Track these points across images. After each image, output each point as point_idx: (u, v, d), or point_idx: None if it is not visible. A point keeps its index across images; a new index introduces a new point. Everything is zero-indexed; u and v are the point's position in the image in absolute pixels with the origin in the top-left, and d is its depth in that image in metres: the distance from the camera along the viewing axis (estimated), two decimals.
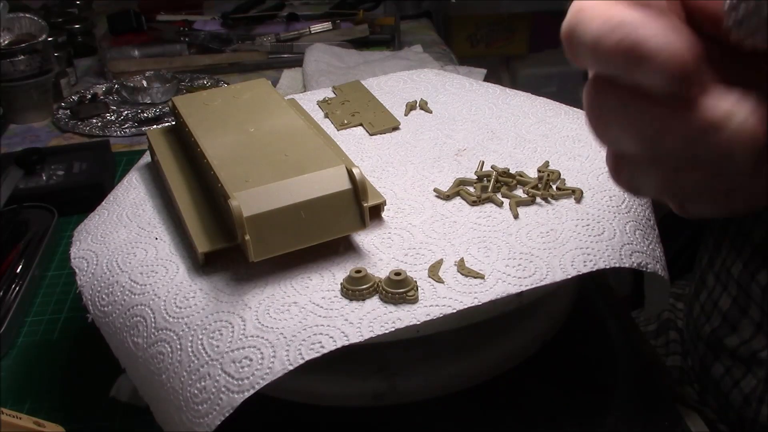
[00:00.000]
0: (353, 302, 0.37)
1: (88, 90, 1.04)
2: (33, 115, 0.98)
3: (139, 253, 0.43)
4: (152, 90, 0.99)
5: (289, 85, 1.02)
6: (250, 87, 0.53)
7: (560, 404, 0.45)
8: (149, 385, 0.38)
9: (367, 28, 1.17)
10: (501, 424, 0.44)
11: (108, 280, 0.42)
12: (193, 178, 0.47)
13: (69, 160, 0.78)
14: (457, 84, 0.62)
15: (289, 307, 0.37)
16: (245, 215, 0.37)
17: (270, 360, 0.34)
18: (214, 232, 0.41)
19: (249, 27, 1.21)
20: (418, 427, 0.44)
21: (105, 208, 0.49)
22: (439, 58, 1.09)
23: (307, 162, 0.41)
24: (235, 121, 0.47)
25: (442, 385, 0.42)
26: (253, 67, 1.11)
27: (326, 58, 1.03)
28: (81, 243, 0.45)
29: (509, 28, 1.92)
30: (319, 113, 0.59)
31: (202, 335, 0.36)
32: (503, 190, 0.45)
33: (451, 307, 0.36)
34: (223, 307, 0.37)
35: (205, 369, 0.35)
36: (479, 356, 0.43)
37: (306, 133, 0.45)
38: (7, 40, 0.96)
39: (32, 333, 0.57)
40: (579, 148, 0.50)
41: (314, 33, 1.16)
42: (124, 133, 0.92)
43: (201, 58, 1.12)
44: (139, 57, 1.13)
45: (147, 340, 0.38)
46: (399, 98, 0.60)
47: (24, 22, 0.98)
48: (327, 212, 0.39)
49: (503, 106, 0.57)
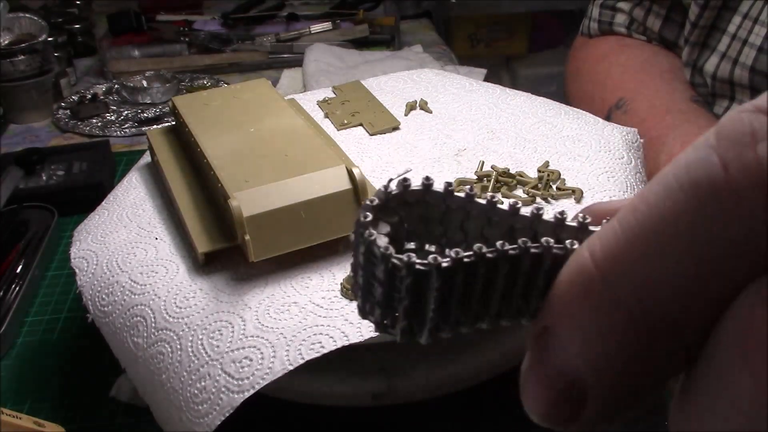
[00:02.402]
0: (353, 302, 0.37)
1: (88, 90, 1.04)
2: (33, 115, 0.98)
3: (139, 253, 0.43)
4: (152, 90, 0.99)
5: (289, 85, 1.02)
6: (250, 87, 0.53)
7: None
8: (149, 385, 0.38)
9: (367, 28, 1.17)
10: (501, 424, 0.44)
11: (108, 280, 0.42)
12: (193, 178, 0.47)
13: (69, 160, 0.78)
14: (457, 84, 0.62)
15: (289, 307, 0.37)
16: (245, 215, 0.37)
17: (270, 360, 0.34)
18: (214, 232, 0.41)
19: (249, 27, 1.21)
20: (418, 427, 0.44)
21: (105, 208, 0.49)
22: (439, 58, 1.08)
23: (307, 162, 0.41)
24: (235, 121, 0.47)
25: (442, 385, 0.42)
26: (253, 67, 1.11)
27: (326, 58, 1.03)
28: (81, 243, 0.45)
29: (509, 28, 1.91)
30: (319, 113, 0.59)
31: (202, 335, 0.36)
32: (503, 190, 0.45)
33: None
34: (223, 307, 0.37)
35: (205, 369, 0.35)
36: (479, 356, 0.43)
37: (306, 133, 0.45)
38: (7, 40, 0.96)
39: (32, 333, 0.57)
40: (579, 148, 0.50)
41: (314, 33, 1.16)
42: (124, 133, 0.92)
43: (201, 58, 1.12)
44: (139, 57, 1.13)
45: (147, 340, 0.38)
46: (399, 98, 0.60)
47: (24, 22, 0.98)
48: (327, 212, 0.39)
49: (503, 106, 0.57)
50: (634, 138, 0.52)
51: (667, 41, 0.77)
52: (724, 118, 0.13)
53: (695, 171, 0.13)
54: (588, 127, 0.53)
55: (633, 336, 0.14)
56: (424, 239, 0.17)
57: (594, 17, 0.84)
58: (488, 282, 0.16)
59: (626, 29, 0.81)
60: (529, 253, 0.16)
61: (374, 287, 0.16)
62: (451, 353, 0.43)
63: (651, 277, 0.14)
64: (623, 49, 0.79)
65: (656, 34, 0.77)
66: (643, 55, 0.77)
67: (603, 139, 0.51)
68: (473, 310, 0.16)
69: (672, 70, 0.73)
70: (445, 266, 0.15)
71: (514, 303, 0.16)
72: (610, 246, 0.14)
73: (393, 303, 0.16)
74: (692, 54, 0.68)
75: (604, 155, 0.49)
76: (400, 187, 0.17)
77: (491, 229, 0.17)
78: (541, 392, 0.15)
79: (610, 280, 0.14)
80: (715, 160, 0.13)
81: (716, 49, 0.65)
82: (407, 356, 0.42)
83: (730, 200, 0.13)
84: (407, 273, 0.15)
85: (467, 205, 0.17)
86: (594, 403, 0.15)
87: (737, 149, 0.13)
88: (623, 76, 0.75)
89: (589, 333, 0.14)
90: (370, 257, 0.16)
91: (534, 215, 0.17)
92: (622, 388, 0.15)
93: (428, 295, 0.15)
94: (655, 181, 0.14)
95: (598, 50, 0.82)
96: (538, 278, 0.16)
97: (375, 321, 0.16)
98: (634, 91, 0.72)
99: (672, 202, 0.13)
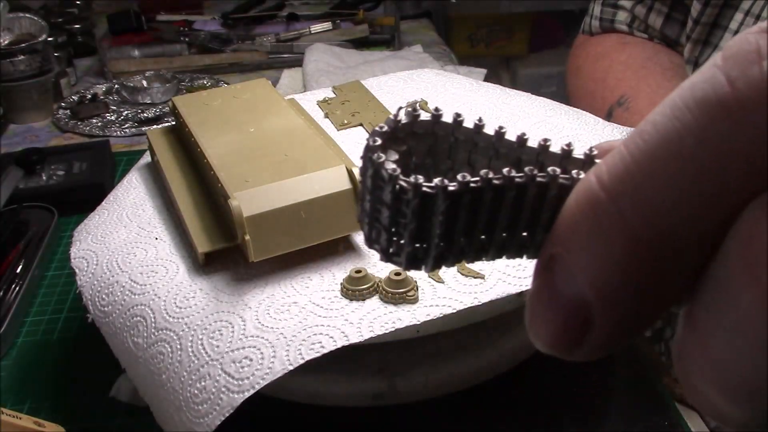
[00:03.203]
0: (353, 302, 0.37)
1: (88, 90, 1.04)
2: (33, 115, 0.98)
3: (139, 253, 0.43)
4: (152, 90, 0.99)
5: (289, 85, 1.02)
6: (250, 87, 0.53)
7: (560, 404, 0.45)
8: (149, 385, 0.38)
9: (367, 28, 1.17)
10: (501, 424, 0.44)
11: (108, 280, 0.42)
12: (193, 178, 0.47)
13: (69, 160, 0.78)
14: (457, 84, 0.62)
15: (289, 307, 0.37)
16: (245, 215, 0.37)
17: (270, 360, 0.34)
18: (214, 232, 0.41)
19: (249, 27, 1.21)
20: (418, 427, 0.44)
21: (105, 208, 0.49)
22: (439, 58, 1.08)
23: (307, 162, 0.41)
24: (235, 121, 0.47)
25: (442, 385, 0.42)
26: (253, 67, 1.11)
27: (326, 58, 1.03)
28: (81, 243, 0.45)
29: (509, 28, 1.92)
30: (319, 113, 0.59)
31: (202, 335, 0.36)
32: None
33: (451, 307, 0.36)
34: (223, 307, 0.37)
35: (205, 369, 0.35)
36: (479, 356, 0.43)
37: (306, 133, 0.45)
38: (7, 40, 0.96)
39: (32, 333, 0.57)
40: (579, 148, 0.50)
41: (314, 33, 1.16)
42: (124, 133, 0.92)
43: (201, 58, 1.12)
44: (139, 57, 1.13)
45: (147, 340, 0.38)
46: (399, 98, 0.60)
47: (24, 22, 0.98)
48: (327, 212, 0.39)
49: (503, 106, 0.57)
50: None
51: (669, 39, 0.77)
52: (731, 41, 0.14)
53: (701, 89, 0.13)
54: (588, 127, 0.53)
55: (639, 259, 0.14)
56: (431, 174, 0.17)
57: (595, 15, 0.84)
58: (494, 210, 0.16)
59: (628, 27, 0.81)
60: (535, 181, 0.16)
61: (381, 212, 0.16)
62: (451, 353, 0.43)
63: (658, 197, 0.14)
64: (625, 47, 0.79)
65: (658, 32, 0.77)
66: (645, 53, 0.77)
67: (603, 139, 0.51)
68: (478, 240, 0.16)
69: (673, 68, 0.73)
70: (452, 189, 0.15)
71: (518, 235, 0.16)
72: (617, 168, 0.14)
73: (399, 228, 0.16)
74: (694, 51, 0.68)
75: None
76: (410, 117, 0.17)
77: (498, 162, 0.17)
78: (548, 319, 0.15)
79: (617, 202, 0.14)
80: (721, 78, 0.13)
81: (718, 47, 0.65)
82: (407, 356, 0.42)
83: (736, 115, 0.13)
84: (414, 195, 0.15)
85: (475, 137, 0.17)
86: (599, 327, 0.15)
87: (743, 66, 0.13)
88: (625, 73, 0.75)
89: (595, 256, 0.14)
90: (378, 180, 0.16)
91: (541, 146, 0.17)
92: (627, 313, 0.15)
93: (434, 219, 0.16)
94: (661, 104, 0.14)
95: (599, 48, 0.82)
96: (543, 210, 0.16)
97: (381, 248, 0.17)
98: (635, 89, 0.72)
99: (679, 122, 0.13)
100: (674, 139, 0.13)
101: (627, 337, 0.15)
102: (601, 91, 0.76)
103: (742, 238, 0.13)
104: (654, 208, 0.14)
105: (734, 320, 0.13)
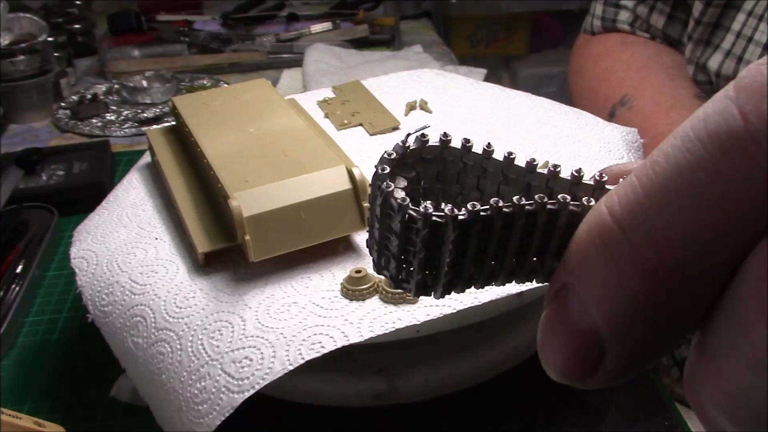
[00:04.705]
0: (353, 302, 0.37)
1: (88, 90, 1.04)
2: (33, 115, 0.98)
3: (139, 253, 0.43)
4: (152, 90, 0.99)
5: (289, 85, 1.02)
6: (250, 87, 0.53)
7: (560, 404, 0.45)
8: (149, 385, 0.38)
9: (367, 28, 1.17)
10: (501, 424, 0.44)
11: (108, 280, 0.42)
12: (193, 178, 0.47)
13: (69, 160, 0.78)
14: (457, 84, 0.62)
15: (289, 307, 0.37)
16: (245, 215, 0.37)
17: (270, 360, 0.34)
18: (214, 232, 0.41)
19: (249, 27, 1.21)
20: (418, 427, 0.44)
21: (105, 208, 0.49)
22: (439, 58, 1.08)
23: (307, 162, 0.41)
24: (235, 121, 0.47)
25: (442, 385, 0.42)
26: (253, 67, 1.11)
27: (326, 58, 1.03)
28: (81, 243, 0.45)
29: (509, 28, 1.91)
30: (319, 113, 0.59)
31: (202, 335, 0.36)
32: None
33: (451, 307, 0.36)
34: (223, 307, 0.37)
35: (205, 369, 0.35)
36: (479, 356, 0.43)
37: (306, 133, 0.45)
38: (7, 40, 0.96)
39: (32, 333, 0.57)
40: (579, 148, 0.50)
41: (314, 33, 1.16)
42: (124, 133, 0.92)
43: (201, 58, 1.12)
44: (139, 57, 1.13)
45: (147, 340, 0.38)
46: (399, 98, 0.60)
47: (24, 22, 0.98)
48: (327, 212, 0.39)
49: (503, 106, 0.57)
50: (634, 138, 0.52)
51: (671, 39, 0.77)
52: (743, 71, 0.13)
53: (714, 122, 0.13)
54: (588, 127, 0.53)
55: (651, 290, 0.14)
56: (440, 199, 0.17)
57: (597, 14, 0.84)
58: (503, 238, 0.16)
59: (630, 26, 0.81)
60: (545, 209, 0.16)
61: (390, 240, 0.16)
62: (451, 353, 0.43)
63: (669, 229, 0.13)
64: (626, 47, 0.79)
65: (660, 31, 0.77)
66: (647, 52, 0.77)
67: (603, 139, 0.51)
68: (488, 266, 0.16)
69: (675, 67, 0.73)
70: (462, 219, 0.15)
71: (528, 261, 0.16)
72: (628, 199, 0.14)
73: (408, 257, 0.16)
74: (695, 51, 0.68)
75: (605, 155, 0.49)
76: (418, 143, 0.17)
77: (508, 187, 0.17)
78: (560, 348, 0.15)
79: (628, 234, 0.14)
80: (734, 111, 0.13)
81: (720, 47, 0.65)
82: (407, 356, 0.42)
83: (749, 149, 0.13)
84: (423, 224, 0.15)
85: (484, 162, 0.17)
86: (612, 357, 0.15)
87: (756, 99, 0.13)
88: (627, 72, 0.75)
89: (607, 288, 0.14)
90: (387, 209, 0.15)
91: (551, 173, 0.17)
92: (639, 343, 0.14)
93: (443, 248, 0.15)
94: (672, 135, 0.14)
95: (601, 47, 0.82)
96: (553, 236, 0.16)
97: (390, 275, 0.16)
98: (637, 88, 0.72)
99: (690, 154, 0.13)
100: (686, 171, 0.13)
101: (641, 366, 0.15)
102: (604, 91, 0.76)
103: (756, 272, 0.13)
104: (666, 241, 0.13)
105: (746, 351, 0.13)
